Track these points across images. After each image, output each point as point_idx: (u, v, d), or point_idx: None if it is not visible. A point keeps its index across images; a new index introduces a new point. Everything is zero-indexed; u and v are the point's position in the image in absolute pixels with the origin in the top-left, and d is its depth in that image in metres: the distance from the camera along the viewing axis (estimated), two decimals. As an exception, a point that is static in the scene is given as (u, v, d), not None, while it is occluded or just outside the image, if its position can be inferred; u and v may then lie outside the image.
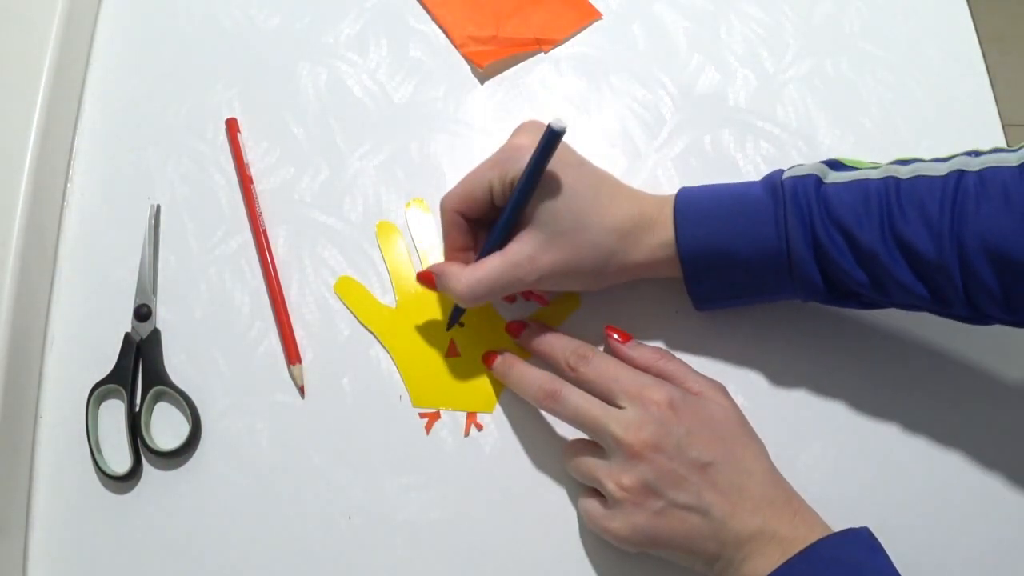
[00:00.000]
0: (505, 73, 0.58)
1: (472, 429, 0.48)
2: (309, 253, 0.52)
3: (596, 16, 0.59)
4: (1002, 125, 0.56)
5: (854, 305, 0.45)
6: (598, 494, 0.43)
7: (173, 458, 0.47)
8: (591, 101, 0.57)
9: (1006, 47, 1.55)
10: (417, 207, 0.53)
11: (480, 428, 0.48)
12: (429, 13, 0.59)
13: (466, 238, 0.47)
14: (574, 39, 0.59)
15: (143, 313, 0.50)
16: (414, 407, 0.49)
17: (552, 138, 0.42)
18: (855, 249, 0.42)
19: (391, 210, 0.53)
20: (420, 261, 0.52)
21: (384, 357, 0.50)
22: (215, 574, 0.45)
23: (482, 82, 0.57)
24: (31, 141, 0.51)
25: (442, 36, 0.59)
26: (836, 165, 0.45)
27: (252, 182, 0.53)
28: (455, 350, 0.50)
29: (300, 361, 0.49)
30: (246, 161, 0.54)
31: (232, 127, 0.55)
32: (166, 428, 0.48)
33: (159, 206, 0.53)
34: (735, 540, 0.40)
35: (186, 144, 0.55)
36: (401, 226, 0.53)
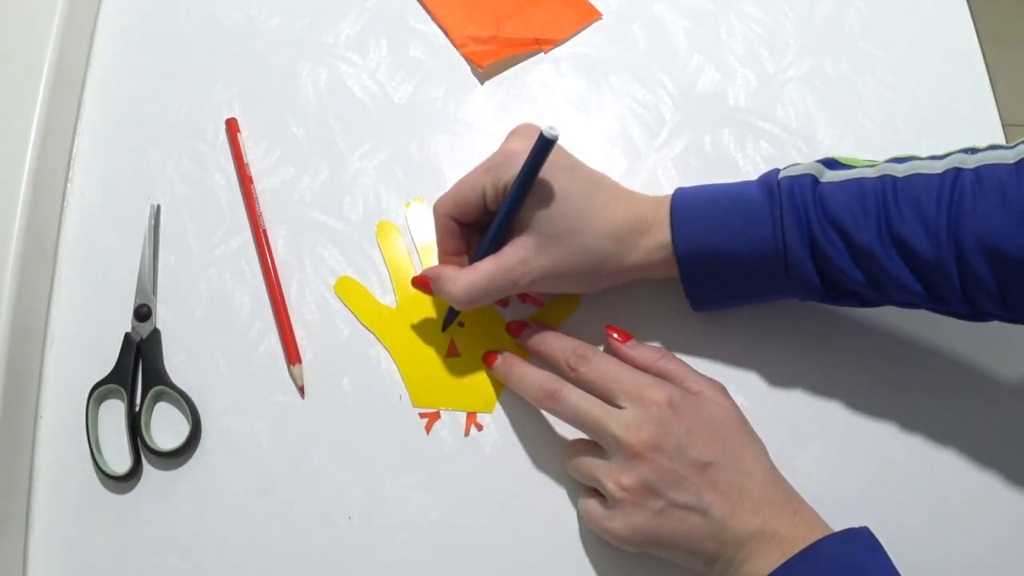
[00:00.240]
0: (505, 73, 0.58)
1: (472, 429, 0.48)
2: (309, 253, 0.52)
3: (596, 16, 0.59)
4: (1002, 125, 0.56)
5: (851, 304, 0.45)
6: (598, 494, 0.43)
7: (173, 458, 0.47)
8: (591, 101, 0.57)
9: (1006, 47, 1.55)
10: (417, 207, 0.53)
11: (480, 428, 0.48)
12: (429, 13, 0.59)
13: (459, 243, 0.47)
14: (574, 39, 0.59)
15: (143, 313, 0.50)
16: (414, 407, 0.49)
17: (544, 146, 0.42)
18: (852, 248, 0.42)
19: (391, 210, 0.53)
20: (420, 261, 0.52)
21: (384, 357, 0.50)
22: (215, 574, 0.45)
23: (482, 82, 0.57)
24: (31, 141, 0.51)
25: (442, 36, 0.59)
26: (832, 164, 0.45)
27: (252, 182, 0.53)
28: (455, 350, 0.50)
29: (300, 361, 0.49)
30: (246, 161, 0.54)
31: (232, 127, 0.55)
32: (166, 428, 0.48)
33: (159, 206, 0.53)
34: (735, 540, 0.40)
35: (186, 144, 0.55)
36: (401, 226, 0.53)
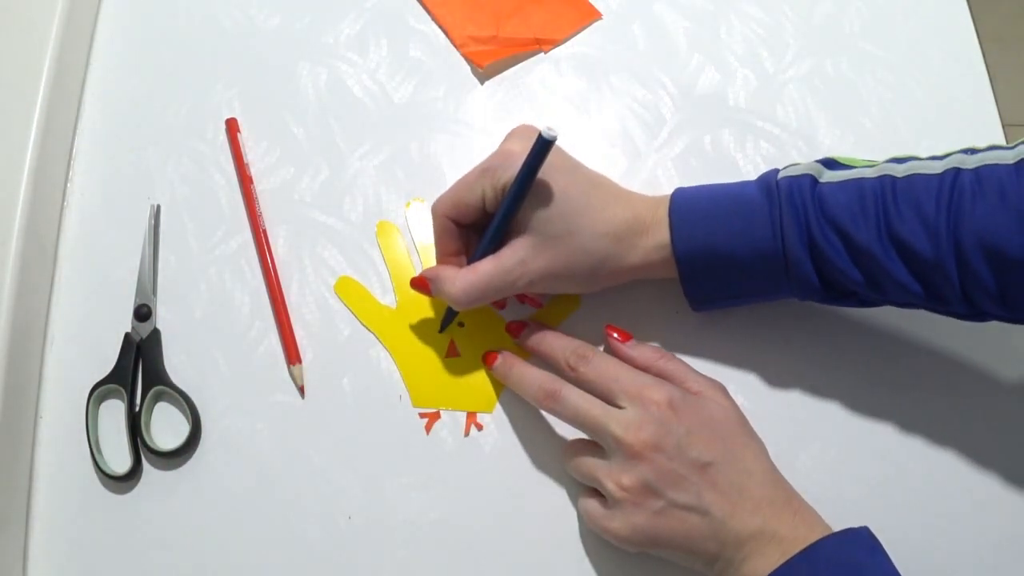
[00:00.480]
0: (505, 73, 0.58)
1: (472, 429, 0.48)
2: (309, 253, 0.52)
3: (596, 16, 0.59)
4: (1002, 125, 0.56)
5: (851, 304, 0.45)
6: (598, 494, 0.43)
7: (173, 458, 0.47)
8: (591, 101, 0.57)
9: (1006, 47, 1.55)
10: (417, 207, 0.53)
11: (480, 428, 0.48)
12: (429, 13, 0.59)
13: (457, 243, 0.47)
14: (574, 39, 0.59)
15: (143, 313, 0.50)
16: (414, 407, 0.49)
17: (543, 147, 0.42)
18: (851, 248, 0.42)
19: (391, 210, 0.53)
20: (420, 261, 0.52)
21: (384, 357, 0.50)
22: (215, 574, 0.45)
23: (482, 82, 0.57)
24: (31, 141, 0.51)
25: (442, 36, 0.59)
26: (831, 164, 0.45)
27: (252, 182, 0.53)
28: (455, 350, 0.50)
29: (300, 361, 0.49)
30: (246, 161, 0.54)
31: (232, 127, 0.55)
32: (166, 428, 0.48)
33: (159, 206, 0.53)
34: (735, 540, 0.40)
35: (186, 144, 0.55)
36: (401, 226, 0.53)
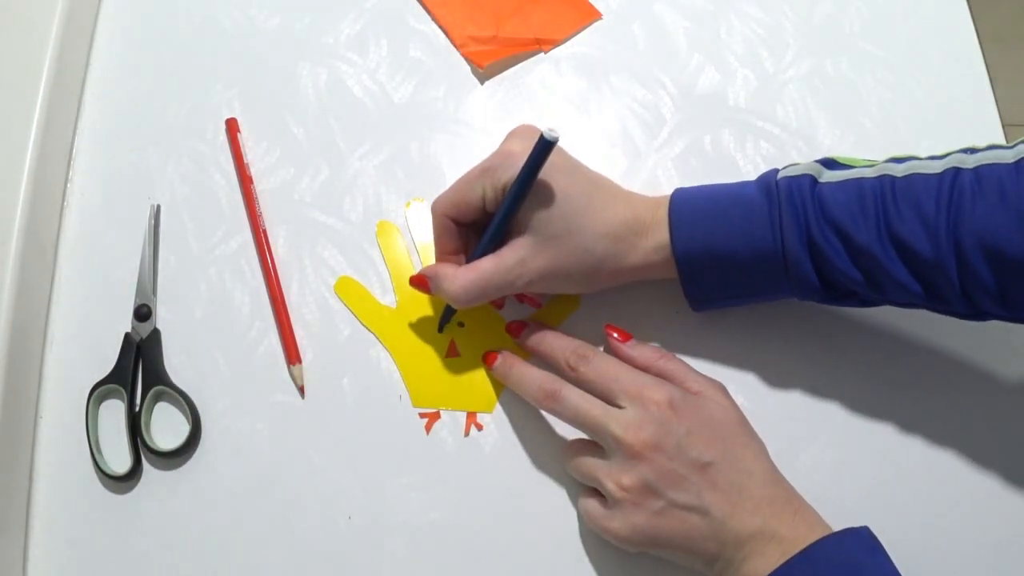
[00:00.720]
0: (505, 73, 0.58)
1: (472, 429, 0.48)
2: (309, 253, 0.52)
3: (596, 16, 0.59)
4: (1002, 125, 0.56)
5: (851, 304, 0.45)
6: (598, 494, 0.43)
7: (173, 458, 0.47)
8: (591, 101, 0.57)
9: (1006, 47, 1.55)
10: (417, 207, 0.53)
11: (480, 428, 0.48)
12: (429, 13, 0.59)
13: (457, 242, 0.47)
14: (574, 39, 0.59)
15: (143, 313, 0.50)
16: (414, 407, 0.49)
17: (544, 148, 0.42)
18: (851, 248, 0.42)
19: (391, 210, 0.53)
20: (420, 261, 0.52)
21: (384, 357, 0.50)
22: (215, 574, 0.45)
23: (482, 82, 0.57)
24: (31, 141, 0.51)
25: (442, 36, 0.59)
26: (831, 164, 0.45)
27: (252, 182, 0.53)
28: (455, 350, 0.50)
29: (300, 361, 0.49)
30: (246, 161, 0.54)
31: (232, 127, 0.55)
32: (166, 428, 0.48)
33: (159, 206, 0.53)
34: (735, 540, 0.40)
35: (186, 144, 0.55)
36: (401, 226, 0.53)
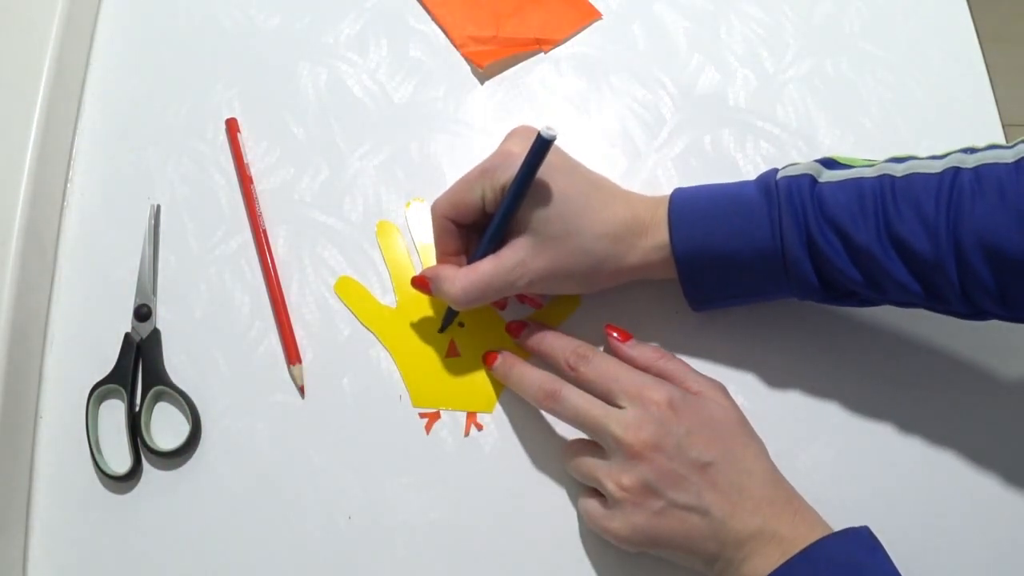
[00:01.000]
0: (505, 73, 0.58)
1: (472, 429, 0.48)
2: (309, 253, 0.52)
3: (596, 16, 0.59)
4: (1002, 125, 0.56)
5: (850, 303, 0.45)
6: (598, 494, 0.43)
7: (173, 458, 0.47)
8: (591, 101, 0.57)
9: (1006, 47, 1.55)
10: (417, 207, 0.53)
11: (480, 428, 0.48)
12: (429, 13, 0.59)
13: (457, 243, 0.47)
14: (574, 39, 0.59)
15: (143, 313, 0.50)
16: (414, 407, 0.49)
17: (542, 146, 0.42)
18: (850, 248, 0.42)
19: (391, 210, 0.53)
20: (420, 261, 0.52)
21: (384, 357, 0.50)
22: (215, 574, 0.45)
23: (482, 82, 0.57)
24: (31, 141, 0.51)
25: (442, 36, 0.59)
26: (831, 164, 0.45)
27: (252, 182, 0.53)
28: (455, 350, 0.50)
29: (300, 361, 0.49)
30: (246, 161, 0.54)
31: (232, 127, 0.55)
32: (166, 428, 0.48)
33: (159, 206, 0.53)
34: (735, 540, 0.40)
35: (186, 144, 0.55)
36: (401, 226, 0.53)
